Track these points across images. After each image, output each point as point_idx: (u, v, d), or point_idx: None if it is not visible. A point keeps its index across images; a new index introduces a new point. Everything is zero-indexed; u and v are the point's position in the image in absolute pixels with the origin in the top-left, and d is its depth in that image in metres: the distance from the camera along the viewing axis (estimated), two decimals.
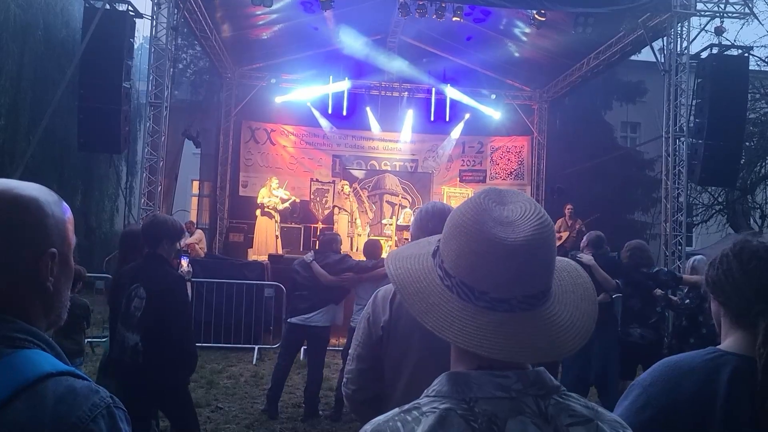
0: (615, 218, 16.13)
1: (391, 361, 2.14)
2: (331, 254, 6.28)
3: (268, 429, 5.76)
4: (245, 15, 11.83)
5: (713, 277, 1.49)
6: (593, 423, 0.95)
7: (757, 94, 15.40)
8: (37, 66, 12.38)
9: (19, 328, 1.06)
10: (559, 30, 11.44)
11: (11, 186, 1.11)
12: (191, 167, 16.41)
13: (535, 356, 0.95)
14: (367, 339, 2.19)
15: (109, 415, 1.02)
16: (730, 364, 1.40)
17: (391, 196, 14.66)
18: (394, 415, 0.96)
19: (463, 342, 0.95)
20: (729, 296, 1.46)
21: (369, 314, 2.22)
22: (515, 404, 0.93)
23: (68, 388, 1.01)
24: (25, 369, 1.00)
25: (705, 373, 1.42)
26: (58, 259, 1.12)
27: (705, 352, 1.48)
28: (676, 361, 1.49)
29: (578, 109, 16.95)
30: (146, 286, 3.66)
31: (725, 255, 1.48)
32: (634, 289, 5.85)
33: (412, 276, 1.06)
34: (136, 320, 3.62)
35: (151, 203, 9.67)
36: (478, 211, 0.99)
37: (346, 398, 2.26)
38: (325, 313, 6.10)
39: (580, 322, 1.01)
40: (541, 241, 0.96)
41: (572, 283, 1.06)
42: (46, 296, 1.12)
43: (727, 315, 1.49)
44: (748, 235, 1.50)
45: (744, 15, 10.77)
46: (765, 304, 1.37)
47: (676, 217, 10.53)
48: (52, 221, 1.12)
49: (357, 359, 2.19)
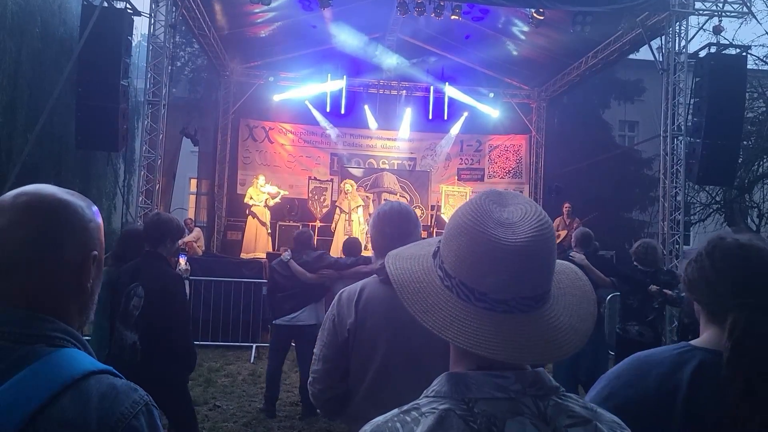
0: (613, 217, 16.15)
1: (357, 360, 2.15)
2: (308, 252, 6.27)
3: (265, 427, 5.76)
4: (243, 13, 11.81)
5: (689, 275, 1.52)
6: (592, 424, 0.95)
7: (755, 93, 15.40)
8: (34, 63, 12.33)
9: (59, 327, 1.10)
10: (557, 28, 11.44)
11: (53, 191, 1.15)
12: (189, 165, 16.37)
13: (534, 357, 0.95)
14: (332, 340, 2.19)
15: (148, 412, 1.07)
16: (697, 358, 1.43)
17: (389, 195, 14.64)
18: (393, 415, 0.96)
19: (464, 342, 0.95)
20: (703, 293, 1.49)
21: (334, 315, 2.21)
22: (514, 405, 0.93)
23: (110, 385, 1.05)
24: (68, 367, 1.04)
25: (670, 366, 1.44)
26: (96, 262, 1.18)
27: (675, 347, 1.51)
28: (646, 355, 1.52)
29: (576, 108, 16.96)
30: (145, 285, 3.67)
31: (700, 254, 1.50)
32: (633, 286, 5.87)
33: (411, 276, 1.07)
34: (135, 319, 3.63)
35: (148, 201, 9.66)
36: (479, 213, 0.99)
37: (312, 397, 2.27)
38: (309, 312, 6.09)
39: (579, 324, 1.01)
40: (540, 243, 0.96)
41: (571, 285, 1.07)
42: (84, 297, 1.17)
43: (702, 312, 1.51)
44: (724, 233, 1.52)
45: (742, 14, 10.77)
46: (735, 300, 1.38)
47: (673, 215, 10.54)
48: (93, 225, 1.18)
49: (323, 359, 2.20)
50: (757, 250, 1.43)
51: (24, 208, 1.10)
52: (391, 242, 2.30)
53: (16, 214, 1.09)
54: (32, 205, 1.11)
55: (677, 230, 10.50)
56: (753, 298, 1.37)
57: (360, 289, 2.23)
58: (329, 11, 11.12)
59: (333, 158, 15.43)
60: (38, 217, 1.10)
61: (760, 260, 1.42)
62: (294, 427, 5.82)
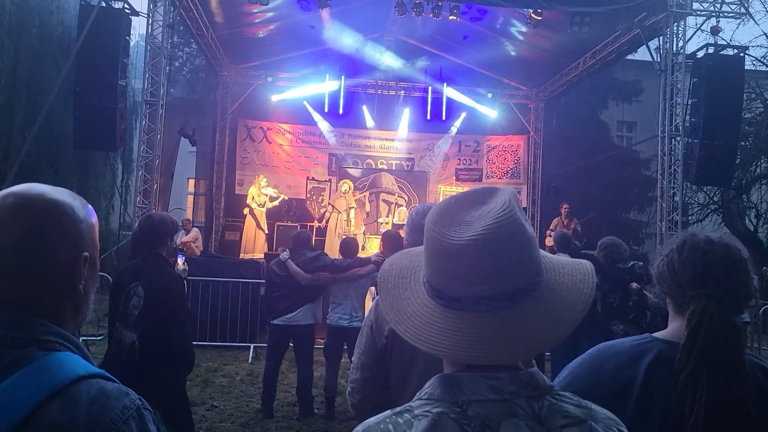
0: (611, 217, 16.16)
1: (398, 368, 2.05)
2: (306, 252, 6.25)
3: (263, 427, 5.76)
4: (241, 13, 11.81)
5: (659, 269, 1.56)
6: (587, 423, 0.94)
7: (753, 93, 15.43)
8: (32, 63, 12.32)
9: (51, 330, 1.08)
10: (555, 29, 11.45)
11: (45, 191, 1.13)
12: (187, 165, 16.38)
13: (489, 358, 0.93)
14: (370, 347, 2.11)
15: (140, 417, 1.05)
16: (656, 349, 1.47)
17: (387, 195, 14.65)
18: (385, 417, 0.95)
19: (413, 336, 0.97)
20: (669, 286, 1.53)
21: (372, 321, 2.14)
22: (508, 406, 0.91)
23: (100, 390, 1.03)
24: (58, 371, 1.02)
25: (628, 356, 1.48)
26: (89, 263, 1.15)
27: (637, 338, 1.55)
28: (607, 347, 1.56)
29: (574, 108, 16.97)
30: (144, 285, 3.67)
31: (671, 249, 1.54)
32: (612, 285, 5.86)
33: (400, 270, 1.09)
34: (134, 319, 3.64)
35: (146, 201, 9.65)
36: (442, 213, 1.01)
37: (352, 407, 2.19)
38: (306, 312, 6.08)
39: (550, 328, 0.96)
40: (493, 239, 0.93)
41: (571, 288, 1.02)
42: (77, 299, 1.15)
43: (670, 305, 1.55)
44: (697, 231, 1.57)
45: (740, 15, 10.80)
46: (695, 290, 1.43)
47: (671, 216, 10.56)
48: (85, 226, 1.15)
49: (360, 368, 2.12)
50: (723, 246, 1.48)
51: (11, 210, 1.08)
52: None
53: (3, 216, 1.08)
54: (19, 206, 1.09)
55: (675, 231, 10.50)
56: (709, 288, 1.41)
57: None
58: (327, 11, 11.12)
59: (331, 158, 15.42)
60: (26, 218, 1.08)
61: (722, 253, 1.46)
62: (292, 427, 5.81)
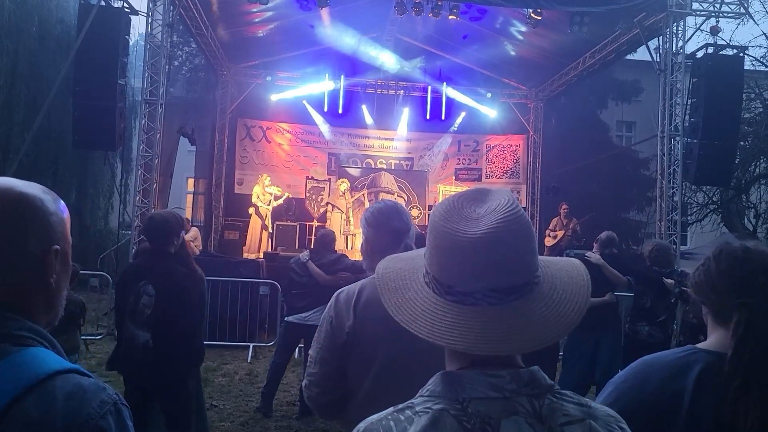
0: (610, 217, 16.13)
1: (356, 364, 2.06)
2: (326, 254, 6.25)
3: (262, 427, 5.75)
4: (241, 12, 11.80)
5: (696, 278, 1.54)
6: (586, 422, 0.95)
7: (752, 93, 15.43)
8: (31, 62, 12.33)
9: (24, 326, 1.06)
10: (555, 29, 11.45)
11: (13, 184, 1.11)
12: (186, 165, 16.33)
13: (499, 349, 0.95)
14: (330, 343, 2.11)
15: (117, 412, 1.04)
16: (702, 361, 1.44)
17: (386, 195, 14.63)
18: (387, 414, 0.96)
19: (427, 333, 0.98)
20: (708, 296, 1.51)
21: (332, 317, 2.14)
22: (509, 404, 0.93)
23: (76, 385, 1.02)
24: (33, 367, 1.01)
25: (674, 369, 1.45)
26: (60, 257, 1.13)
27: (680, 350, 1.52)
28: (651, 359, 1.53)
29: (574, 108, 16.95)
30: (154, 284, 3.67)
31: (707, 258, 1.53)
32: (647, 286, 5.86)
33: (398, 274, 1.10)
34: (146, 318, 3.64)
35: (146, 201, 9.65)
36: (447, 209, 1.02)
37: (308, 400, 2.19)
38: (322, 313, 6.06)
39: (556, 320, 0.99)
40: (502, 235, 0.96)
41: (569, 282, 1.05)
42: (48, 293, 1.13)
43: (710, 315, 1.53)
44: (731, 239, 1.54)
45: (739, 15, 10.80)
46: (738, 299, 1.40)
47: (670, 216, 10.56)
48: (55, 219, 1.13)
49: (320, 362, 2.12)
50: (760, 253, 1.46)
51: None
52: (398, 237, 2.25)
53: None
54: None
55: (674, 230, 10.52)
56: (753, 297, 1.39)
57: (359, 289, 2.14)
58: (327, 11, 11.12)
59: (330, 158, 15.41)
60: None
61: (760, 260, 1.45)
62: (291, 426, 5.81)
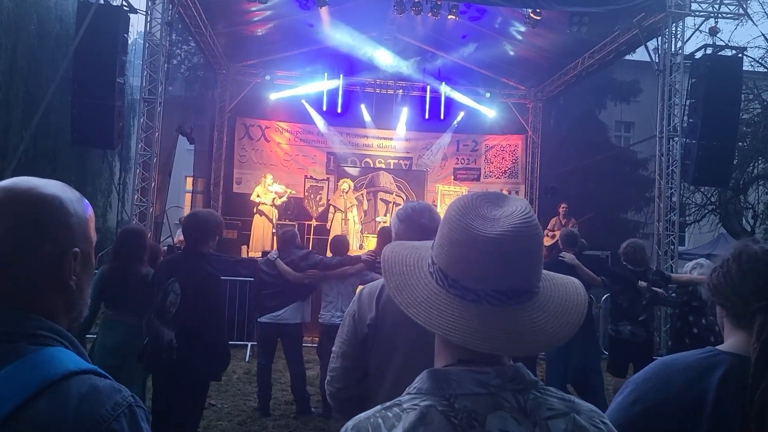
0: (608, 217, 16.18)
1: (378, 358, 2.07)
2: (295, 251, 6.24)
3: (260, 426, 5.76)
4: (240, 11, 11.80)
5: (714, 280, 1.53)
6: (570, 416, 0.97)
7: (751, 94, 15.46)
8: (30, 61, 12.30)
9: (43, 325, 1.06)
10: (554, 29, 11.45)
11: (35, 185, 1.11)
12: (185, 163, 16.32)
13: (494, 347, 0.97)
14: (352, 337, 2.12)
15: (131, 414, 1.02)
16: (725, 363, 1.42)
17: (385, 194, 14.64)
18: (375, 411, 0.98)
19: (424, 320, 1.00)
20: (728, 298, 1.49)
21: (354, 311, 2.15)
22: (494, 399, 0.95)
23: (91, 386, 1.01)
24: (49, 367, 1.00)
25: (697, 371, 1.44)
26: (80, 258, 1.13)
27: (701, 352, 1.50)
28: (671, 360, 1.52)
29: (572, 108, 16.97)
30: (181, 282, 3.68)
31: (726, 260, 1.51)
32: (623, 286, 5.88)
33: (403, 260, 1.12)
34: (171, 316, 3.65)
35: (144, 199, 9.64)
36: (466, 206, 1.04)
37: (329, 396, 2.19)
38: (294, 310, 6.07)
39: (555, 330, 1.01)
40: (519, 238, 0.98)
41: (565, 295, 1.07)
42: (68, 294, 1.12)
43: (728, 317, 1.52)
44: (749, 241, 1.53)
45: (738, 16, 10.82)
46: (761, 302, 1.39)
47: (668, 216, 10.56)
48: (75, 220, 1.13)
49: (341, 357, 2.12)
50: None
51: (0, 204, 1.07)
52: (425, 234, 2.27)
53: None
54: (7, 199, 1.08)
55: (672, 231, 10.53)
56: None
57: (382, 285, 2.14)
58: (326, 10, 11.12)
59: (329, 157, 15.42)
60: (13, 211, 1.07)
61: None
62: (288, 425, 5.81)
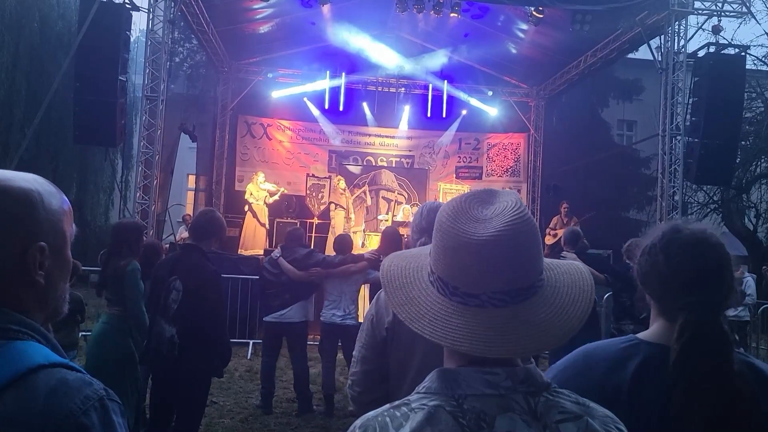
0: (610, 216, 16.17)
1: (397, 361, 2.10)
2: (298, 249, 6.26)
3: (262, 423, 5.76)
4: (242, 9, 11.80)
5: (643, 267, 1.48)
6: (583, 419, 0.95)
7: (754, 93, 15.44)
8: (32, 58, 12.33)
9: (12, 319, 1.04)
10: (556, 27, 11.44)
11: (2, 178, 1.08)
12: (187, 161, 16.34)
13: (500, 352, 0.95)
14: (371, 340, 2.15)
15: (102, 408, 0.99)
16: (643, 352, 1.41)
17: (387, 192, 14.65)
18: (383, 410, 0.97)
19: (431, 333, 0.98)
20: (655, 289, 1.46)
21: (372, 315, 2.18)
22: (504, 401, 0.93)
23: (60, 380, 0.98)
24: (17, 360, 0.98)
25: (616, 361, 1.42)
26: (49, 253, 1.09)
27: (622, 340, 1.49)
28: (592, 348, 1.50)
29: (575, 107, 16.95)
30: (183, 279, 3.70)
31: (653, 246, 1.45)
32: (625, 283, 5.87)
33: (402, 272, 1.09)
34: (173, 312, 3.67)
35: (146, 197, 9.64)
36: (455, 209, 1.02)
37: (352, 400, 2.23)
38: (298, 309, 6.09)
39: (562, 323, 0.99)
40: (511, 237, 0.96)
41: (571, 285, 1.05)
42: (37, 290, 1.09)
43: (653, 304, 1.49)
44: (679, 224, 1.47)
45: (741, 14, 10.78)
46: (687, 299, 1.35)
47: (671, 215, 10.54)
48: (42, 214, 1.09)
49: (362, 361, 2.16)
50: (712, 246, 1.40)
51: None
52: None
53: None
54: None
55: None
56: (704, 296, 1.34)
57: None
58: (328, 8, 11.11)
59: (331, 155, 15.42)
60: None
61: (713, 255, 1.39)
62: (290, 423, 5.82)
